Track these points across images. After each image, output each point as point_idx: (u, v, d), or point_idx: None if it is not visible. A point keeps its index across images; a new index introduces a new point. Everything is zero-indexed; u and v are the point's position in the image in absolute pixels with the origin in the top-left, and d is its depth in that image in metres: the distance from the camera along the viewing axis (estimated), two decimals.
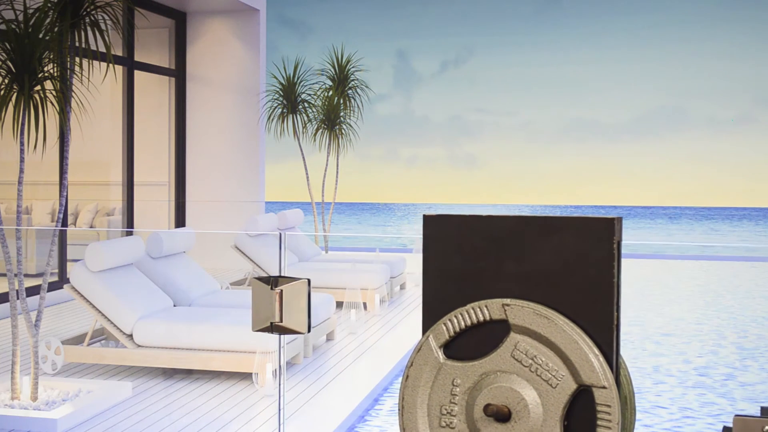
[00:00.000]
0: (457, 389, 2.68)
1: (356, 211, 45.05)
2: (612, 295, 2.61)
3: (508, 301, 2.67)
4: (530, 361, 2.61)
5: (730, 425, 2.74)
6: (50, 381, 5.85)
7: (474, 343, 2.73)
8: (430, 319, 2.77)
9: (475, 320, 2.68)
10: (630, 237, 31.07)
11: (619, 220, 2.66)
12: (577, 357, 2.57)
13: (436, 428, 2.69)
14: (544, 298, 2.67)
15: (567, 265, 2.65)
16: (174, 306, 7.09)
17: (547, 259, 2.68)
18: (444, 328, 2.72)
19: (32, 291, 9.10)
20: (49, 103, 5.45)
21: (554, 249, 2.67)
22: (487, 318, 2.68)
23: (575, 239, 2.65)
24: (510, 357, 2.63)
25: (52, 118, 5.54)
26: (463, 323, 2.69)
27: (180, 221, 12.93)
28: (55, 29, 5.34)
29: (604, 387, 2.55)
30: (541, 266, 2.68)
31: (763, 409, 2.73)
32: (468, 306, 2.70)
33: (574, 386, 2.57)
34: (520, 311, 2.64)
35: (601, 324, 2.62)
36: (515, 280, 2.70)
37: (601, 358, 2.58)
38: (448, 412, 2.69)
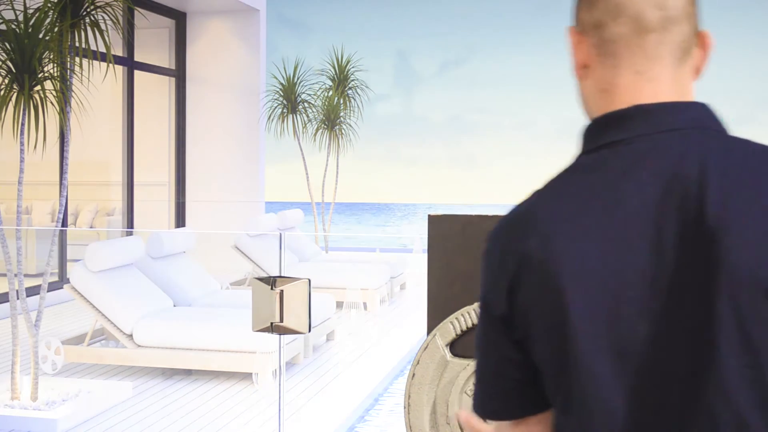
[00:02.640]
0: (465, 387, 2.69)
1: (356, 211, 45.01)
2: None
3: None
4: None
5: None
6: (50, 381, 5.84)
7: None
8: (434, 318, 2.77)
9: None
10: None
11: None
12: None
13: (443, 425, 2.71)
14: None
15: None
16: (174, 306, 7.07)
17: None
18: (451, 326, 2.72)
19: (32, 291, 9.09)
20: (49, 103, 5.44)
21: None
22: None
23: None
24: None
25: (52, 118, 5.53)
26: (470, 321, 2.71)
27: (180, 221, 12.91)
28: (55, 29, 5.33)
29: None
30: None
31: None
32: (475, 304, 2.71)
33: None
34: None
35: None
36: None
37: None
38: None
